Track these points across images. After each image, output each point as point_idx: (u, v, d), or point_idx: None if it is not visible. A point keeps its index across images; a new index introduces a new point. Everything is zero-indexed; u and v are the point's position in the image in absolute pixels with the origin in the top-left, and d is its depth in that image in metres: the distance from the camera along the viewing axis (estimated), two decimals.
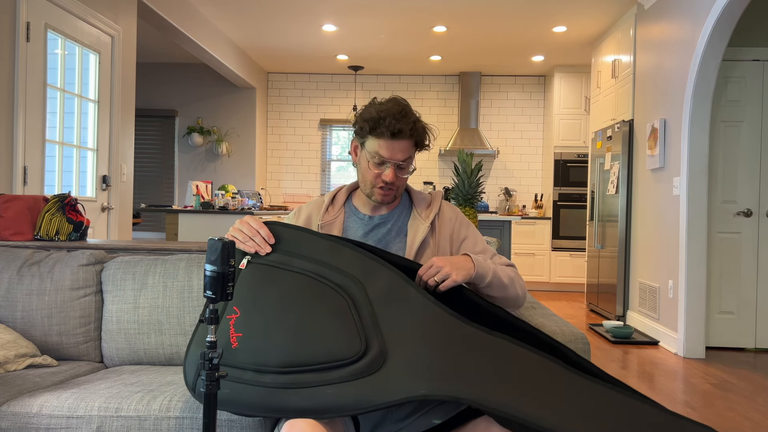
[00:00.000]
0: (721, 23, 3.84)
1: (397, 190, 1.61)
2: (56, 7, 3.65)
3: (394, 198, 1.63)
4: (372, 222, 1.65)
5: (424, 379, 1.24)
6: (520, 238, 7.33)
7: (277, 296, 1.42)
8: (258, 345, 1.37)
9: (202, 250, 2.39)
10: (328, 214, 1.65)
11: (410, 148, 1.58)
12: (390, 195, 1.60)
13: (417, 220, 1.63)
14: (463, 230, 1.66)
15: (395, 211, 1.67)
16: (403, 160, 1.57)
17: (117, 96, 4.35)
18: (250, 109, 7.74)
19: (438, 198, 1.70)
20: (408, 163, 1.59)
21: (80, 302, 2.02)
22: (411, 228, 1.62)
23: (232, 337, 1.39)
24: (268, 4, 5.49)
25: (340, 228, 1.64)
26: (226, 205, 5.15)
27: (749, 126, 4.32)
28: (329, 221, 1.64)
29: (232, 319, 1.42)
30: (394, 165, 1.56)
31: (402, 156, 1.56)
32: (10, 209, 2.47)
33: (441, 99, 8.01)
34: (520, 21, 5.79)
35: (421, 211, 1.65)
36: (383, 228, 1.64)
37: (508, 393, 1.22)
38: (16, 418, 1.57)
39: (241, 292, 1.44)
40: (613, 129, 5.45)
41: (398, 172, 1.58)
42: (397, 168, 1.58)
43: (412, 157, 1.60)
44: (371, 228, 1.64)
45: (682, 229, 4.19)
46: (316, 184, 8.12)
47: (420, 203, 1.67)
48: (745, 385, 3.47)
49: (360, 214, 1.66)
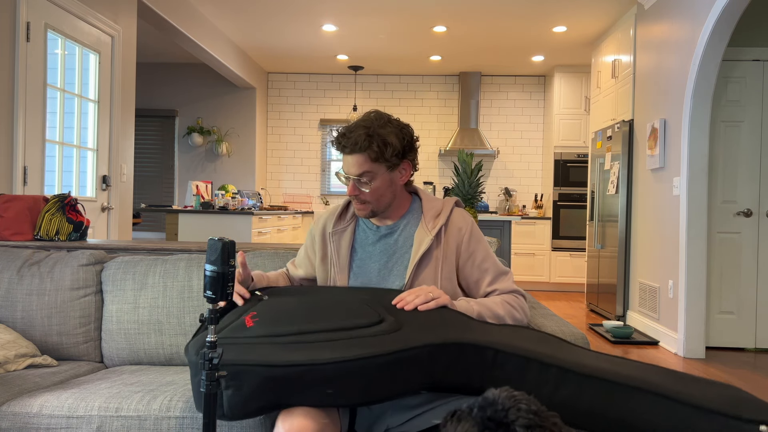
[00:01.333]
0: (721, 23, 3.84)
1: (370, 204, 1.60)
2: (56, 7, 3.65)
3: (373, 213, 1.62)
4: (380, 232, 1.66)
5: (444, 334, 1.33)
6: (520, 238, 7.33)
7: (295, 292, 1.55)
8: (275, 319, 1.38)
9: (202, 250, 2.39)
10: (340, 223, 1.68)
11: (364, 162, 1.56)
12: (365, 209, 1.61)
13: (422, 231, 1.62)
14: (473, 244, 1.63)
15: (403, 220, 1.67)
16: (357, 175, 1.57)
17: (117, 96, 4.35)
18: (250, 109, 7.74)
19: (448, 207, 1.67)
20: (368, 176, 1.57)
21: (80, 302, 2.02)
22: (416, 239, 1.61)
23: (248, 319, 1.40)
24: (268, 4, 5.49)
25: (351, 237, 1.66)
26: (226, 205, 5.15)
27: (749, 126, 4.32)
28: (340, 230, 1.67)
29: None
30: (353, 179, 1.58)
31: (355, 170, 1.57)
32: (10, 209, 2.47)
33: (441, 99, 8.01)
34: (520, 21, 5.79)
35: (428, 221, 1.63)
36: (391, 238, 1.65)
37: (531, 344, 1.33)
38: (16, 418, 1.57)
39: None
40: (613, 129, 5.45)
41: (359, 186, 1.58)
42: (358, 182, 1.58)
43: (373, 172, 1.57)
44: (379, 238, 1.65)
45: (682, 229, 4.19)
46: (316, 184, 8.13)
47: (429, 212, 1.65)
48: (745, 385, 3.47)
49: (369, 224, 1.68)
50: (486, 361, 1.29)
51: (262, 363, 1.25)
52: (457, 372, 1.30)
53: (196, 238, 4.98)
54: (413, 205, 1.70)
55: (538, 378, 1.27)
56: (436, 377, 1.30)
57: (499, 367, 1.29)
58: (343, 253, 1.65)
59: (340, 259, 1.65)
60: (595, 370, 1.25)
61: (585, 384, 1.24)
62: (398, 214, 1.67)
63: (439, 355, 1.29)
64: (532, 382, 1.27)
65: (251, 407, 1.28)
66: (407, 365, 1.27)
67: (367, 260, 1.65)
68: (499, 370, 1.29)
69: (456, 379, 1.31)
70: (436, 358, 1.29)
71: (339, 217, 1.69)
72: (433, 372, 1.30)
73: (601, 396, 1.23)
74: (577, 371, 1.25)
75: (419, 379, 1.29)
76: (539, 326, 1.69)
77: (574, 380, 1.24)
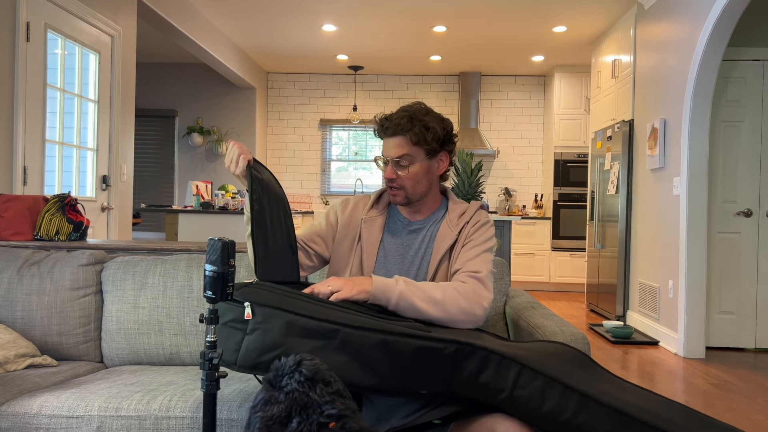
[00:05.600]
0: (721, 23, 3.84)
1: (406, 190, 1.62)
2: (56, 7, 3.65)
3: (407, 200, 1.64)
4: (410, 226, 1.69)
5: (474, 339, 1.33)
6: (520, 238, 7.33)
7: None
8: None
9: (202, 250, 2.39)
10: (373, 211, 1.71)
11: (404, 145, 1.59)
12: (399, 195, 1.63)
13: (447, 228, 1.65)
14: (473, 235, 1.64)
15: (431, 217, 1.70)
16: (397, 157, 1.59)
17: (117, 96, 4.35)
18: (250, 109, 7.74)
19: (473, 207, 1.70)
20: (407, 160, 1.60)
21: (80, 302, 2.02)
22: (439, 236, 1.64)
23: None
24: (267, 5, 5.49)
25: (381, 226, 1.69)
26: (226, 205, 5.14)
27: (749, 126, 4.32)
28: (372, 218, 1.69)
29: None
30: (391, 162, 1.60)
31: (395, 152, 1.60)
32: (10, 209, 2.47)
33: (441, 99, 8.01)
34: (520, 21, 5.79)
35: (453, 219, 1.66)
36: (419, 234, 1.67)
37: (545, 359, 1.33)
38: (16, 418, 1.57)
39: None
40: (613, 129, 5.45)
41: (397, 170, 1.61)
42: (395, 165, 1.60)
43: (412, 155, 1.60)
44: (408, 232, 1.68)
45: (682, 229, 4.19)
46: (316, 184, 8.13)
47: (454, 211, 1.68)
48: (745, 385, 3.47)
49: (401, 217, 1.71)
50: (507, 377, 1.28)
51: (298, 311, 1.27)
52: (476, 386, 1.29)
53: (196, 238, 4.98)
54: (442, 205, 1.73)
55: (558, 403, 1.26)
56: (453, 386, 1.29)
57: (520, 387, 1.28)
58: (374, 240, 1.67)
59: (370, 245, 1.66)
60: (617, 401, 1.25)
61: (603, 414, 1.24)
62: (430, 209, 1.70)
63: (463, 358, 1.29)
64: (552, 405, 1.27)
65: (264, 359, 1.26)
66: (433, 357, 1.27)
67: (393, 251, 1.67)
68: (520, 389, 1.28)
69: (474, 392, 1.30)
70: (459, 360, 1.29)
71: (372, 205, 1.72)
72: (452, 379, 1.29)
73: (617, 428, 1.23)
74: (599, 400, 1.24)
75: (437, 384, 1.29)
76: (539, 326, 1.69)
77: (593, 408, 1.24)
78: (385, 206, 1.73)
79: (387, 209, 1.73)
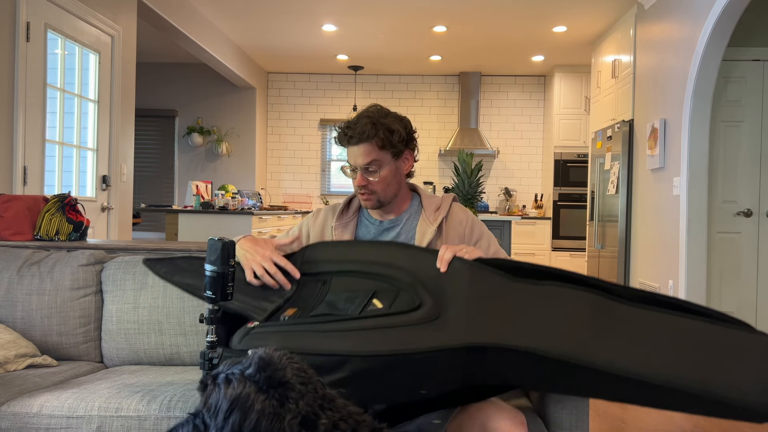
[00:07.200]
0: (721, 23, 3.84)
1: (377, 194, 1.63)
2: (56, 7, 3.65)
3: (380, 203, 1.65)
4: (382, 226, 1.69)
5: (481, 332, 1.27)
6: (520, 238, 7.33)
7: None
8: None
9: (202, 250, 2.39)
10: (342, 218, 1.71)
11: (371, 151, 1.59)
12: (371, 200, 1.64)
13: (425, 223, 1.66)
14: (476, 232, 1.67)
15: (404, 215, 1.70)
16: (366, 164, 1.59)
17: (117, 96, 4.35)
18: (250, 109, 7.74)
19: (447, 201, 1.71)
20: (376, 165, 1.60)
21: (80, 302, 2.02)
22: (419, 231, 1.65)
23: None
24: (267, 5, 5.49)
25: (353, 231, 1.70)
26: (226, 205, 5.14)
27: (749, 126, 4.32)
28: (342, 224, 1.70)
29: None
30: (360, 169, 1.61)
31: (363, 160, 1.60)
32: (10, 209, 2.47)
33: (441, 99, 8.01)
34: (520, 21, 5.79)
35: (429, 215, 1.67)
36: (393, 232, 1.68)
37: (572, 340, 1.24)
38: (16, 418, 1.57)
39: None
40: (613, 129, 5.45)
41: (367, 176, 1.61)
42: (365, 172, 1.61)
43: (380, 160, 1.60)
44: (381, 232, 1.69)
45: (682, 229, 4.19)
46: (316, 184, 8.13)
47: (429, 207, 1.69)
48: None
49: (372, 219, 1.71)
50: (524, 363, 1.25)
51: (303, 351, 1.23)
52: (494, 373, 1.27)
53: (196, 238, 4.98)
54: (413, 202, 1.74)
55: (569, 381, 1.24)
56: (469, 379, 1.27)
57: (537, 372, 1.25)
58: None
59: None
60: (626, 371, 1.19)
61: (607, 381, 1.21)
62: (401, 208, 1.71)
63: (474, 359, 1.26)
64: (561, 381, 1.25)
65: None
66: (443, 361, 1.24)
67: None
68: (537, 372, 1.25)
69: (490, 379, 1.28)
70: (471, 361, 1.26)
71: (341, 212, 1.72)
72: (465, 375, 1.27)
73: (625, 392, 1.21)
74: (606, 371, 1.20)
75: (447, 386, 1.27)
76: None
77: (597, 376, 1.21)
78: (356, 211, 1.74)
79: (358, 213, 1.74)
